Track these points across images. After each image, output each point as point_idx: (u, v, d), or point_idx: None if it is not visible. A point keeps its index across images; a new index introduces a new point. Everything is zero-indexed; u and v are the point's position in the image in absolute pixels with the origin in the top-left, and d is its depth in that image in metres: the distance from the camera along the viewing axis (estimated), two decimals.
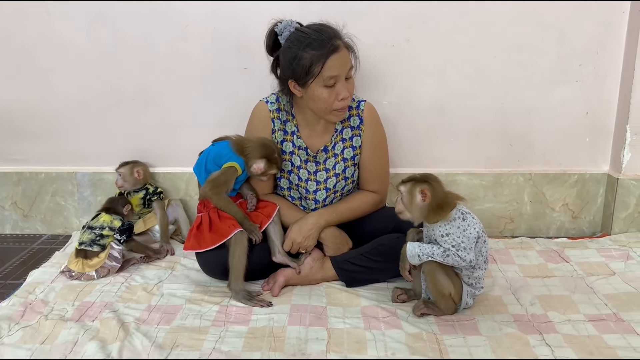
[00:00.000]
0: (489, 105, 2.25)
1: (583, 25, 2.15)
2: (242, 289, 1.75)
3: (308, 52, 1.71)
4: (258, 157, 1.80)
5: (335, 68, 1.72)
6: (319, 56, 1.71)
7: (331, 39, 1.73)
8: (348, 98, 1.78)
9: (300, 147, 1.92)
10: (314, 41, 1.72)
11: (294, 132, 1.92)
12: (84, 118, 2.32)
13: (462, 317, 1.63)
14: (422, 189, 1.58)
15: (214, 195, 1.79)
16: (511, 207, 2.34)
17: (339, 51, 1.73)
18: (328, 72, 1.72)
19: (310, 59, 1.71)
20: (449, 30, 2.16)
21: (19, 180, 2.39)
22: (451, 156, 2.32)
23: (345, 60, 1.75)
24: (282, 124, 1.91)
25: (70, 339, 1.53)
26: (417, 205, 1.59)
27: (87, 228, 1.96)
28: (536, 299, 1.74)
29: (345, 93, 1.76)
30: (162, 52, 2.22)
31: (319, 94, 1.76)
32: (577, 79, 2.21)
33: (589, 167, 2.32)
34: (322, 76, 1.72)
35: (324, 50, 1.71)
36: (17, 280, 1.95)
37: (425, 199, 1.58)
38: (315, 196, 1.93)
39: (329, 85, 1.74)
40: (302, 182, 1.93)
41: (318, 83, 1.74)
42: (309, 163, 1.92)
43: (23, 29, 2.21)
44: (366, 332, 1.55)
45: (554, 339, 1.51)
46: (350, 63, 1.77)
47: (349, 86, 1.78)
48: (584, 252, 2.10)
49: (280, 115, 1.91)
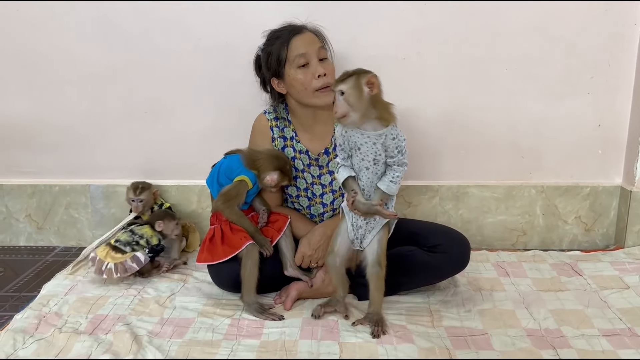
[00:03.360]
0: (499, 118, 2.25)
1: (594, 37, 2.15)
2: (254, 301, 1.76)
3: (275, 43, 1.85)
4: (272, 169, 1.82)
5: (301, 46, 1.81)
6: (283, 41, 1.83)
7: (293, 26, 1.86)
8: (327, 76, 1.81)
9: (302, 152, 1.94)
10: (277, 33, 1.87)
11: (292, 137, 1.95)
12: (97, 131, 2.34)
13: (475, 332, 1.63)
14: (369, 78, 1.48)
15: (226, 208, 1.81)
16: (523, 219, 2.33)
17: (302, 33, 1.84)
18: (294, 51, 1.81)
19: (278, 48, 1.84)
20: (458, 43, 2.17)
21: (33, 193, 2.41)
22: (462, 168, 2.32)
23: (310, 39, 1.84)
24: (280, 131, 1.96)
25: (84, 352, 1.54)
26: (365, 100, 1.49)
27: (129, 230, 2.02)
28: (549, 313, 1.73)
29: (320, 70, 1.81)
30: (173, 65, 2.24)
31: (293, 77, 1.82)
32: (589, 91, 2.21)
33: (602, 179, 2.31)
34: (290, 57, 1.82)
35: (286, 35, 1.83)
36: (32, 292, 1.97)
37: (374, 87, 1.49)
38: (322, 199, 1.94)
39: (301, 65, 1.81)
40: (309, 185, 1.94)
41: (290, 67, 1.82)
42: (312, 167, 1.94)
43: (36, 42, 2.24)
44: (378, 347, 1.55)
45: (568, 353, 1.50)
46: (318, 43, 1.85)
47: (326, 66, 1.83)
48: (597, 265, 2.08)
49: (278, 123, 1.96)
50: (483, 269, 2.07)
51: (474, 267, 2.03)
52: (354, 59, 2.14)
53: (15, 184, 2.41)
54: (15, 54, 2.26)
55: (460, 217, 2.34)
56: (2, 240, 2.47)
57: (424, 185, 2.32)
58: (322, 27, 1.92)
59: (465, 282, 1.95)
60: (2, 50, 2.26)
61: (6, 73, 2.29)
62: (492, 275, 2.02)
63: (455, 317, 1.72)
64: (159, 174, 2.35)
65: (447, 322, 1.69)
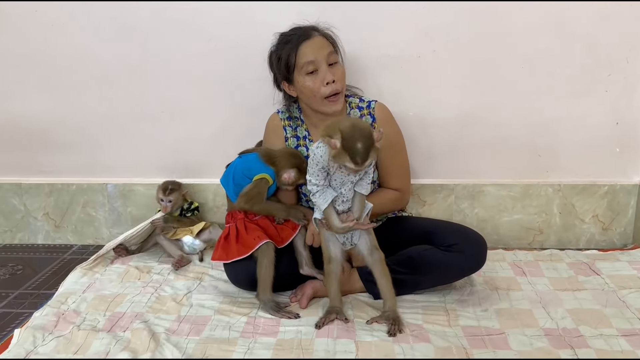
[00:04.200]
0: (515, 116, 2.23)
1: (611, 34, 2.13)
2: (270, 299, 1.76)
3: (284, 47, 1.83)
4: (289, 167, 1.83)
5: (310, 53, 1.79)
6: (291, 47, 1.81)
7: (303, 30, 1.83)
8: (336, 83, 1.80)
9: None
10: (287, 37, 1.85)
11: (305, 137, 1.95)
12: (114, 130, 2.36)
13: (492, 331, 1.62)
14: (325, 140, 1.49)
15: (251, 207, 1.84)
16: (540, 218, 2.31)
17: (312, 38, 1.81)
18: (303, 58, 1.79)
19: (287, 52, 1.82)
20: (474, 41, 2.15)
21: (50, 192, 2.44)
22: (478, 167, 2.30)
23: (319, 45, 1.81)
24: (293, 131, 1.96)
25: (102, 349, 1.55)
26: None
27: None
28: (567, 312, 1.71)
29: (329, 77, 1.79)
30: (187, 65, 2.25)
31: (303, 83, 1.82)
32: (607, 88, 2.18)
33: (620, 178, 2.28)
34: (299, 64, 1.80)
35: (295, 41, 1.81)
36: (50, 290, 1.99)
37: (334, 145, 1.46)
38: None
39: (310, 72, 1.80)
40: None
41: (299, 73, 1.81)
42: None
43: (54, 44, 2.26)
44: (394, 346, 1.55)
45: (586, 353, 1.49)
46: (328, 48, 1.82)
47: (335, 71, 1.81)
48: (615, 264, 2.06)
49: (291, 122, 1.96)
50: (499, 268, 2.06)
51: (490, 267, 2.01)
52: (368, 58, 2.17)
53: (33, 182, 2.44)
54: (33, 55, 2.29)
55: (475, 216, 2.33)
56: (21, 238, 2.50)
57: (439, 184, 2.31)
58: (334, 28, 1.90)
59: (481, 281, 1.94)
60: (21, 52, 2.29)
61: (24, 74, 2.32)
62: (509, 274, 2.00)
63: (472, 316, 1.71)
64: (175, 172, 2.36)
65: (463, 321, 1.68)
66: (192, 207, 2.28)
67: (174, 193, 2.20)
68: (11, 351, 1.55)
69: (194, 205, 2.28)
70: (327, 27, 1.89)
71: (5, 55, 2.30)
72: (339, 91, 1.82)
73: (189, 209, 2.27)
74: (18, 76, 2.32)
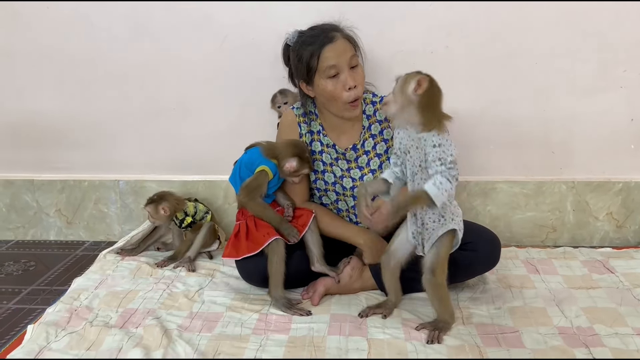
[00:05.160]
0: (529, 112, 2.21)
1: (627, 30, 2.11)
2: (282, 296, 1.76)
3: (306, 49, 1.79)
4: (290, 156, 1.83)
5: (332, 58, 1.76)
6: (314, 49, 1.77)
7: (326, 32, 1.79)
8: (357, 88, 1.78)
9: (328, 145, 1.93)
10: (310, 38, 1.80)
11: (319, 131, 1.94)
12: (125, 127, 2.37)
13: (506, 329, 1.61)
14: (419, 79, 1.45)
15: (249, 200, 1.83)
16: (553, 215, 2.29)
17: (335, 41, 1.77)
18: (325, 62, 1.76)
19: (309, 54, 1.78)
20: (488, 37, 2.14)
21: (63, 188, 2.45)
22: (491, 164, 2.29)
23: (342, 49, 1.78)
24: (308, 126, 1.95)
25: (114, 345, 1.55)
26: (407, 97, 1.45)
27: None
28: (581, 311, 1.70)
29: (351, 82, 1.77)
30: (200, 62, 2.25)
31: (324, 87, 1.79)
32: (622, 84, 2.16)
33: (634, 175, 2.26)
34: (321, 68, 1.77)
35: (317, 43, 1.76)
36: (62, 286, 2.00)
37: (418, 89, 1.44)
38: (352, 192, 1.92)
39: (331, 76, 1.77)
40: (337, 179, 1.93)
41: (320, 76, 1.78)
42: (339, 161, 1.93)
43: (66, 41, 2.27)
44: (407, 344, 1.54)
45: (601, 352, 1.47)
46: (350, 51, 1.79)
47: (355, 76, 1.79)
48: (629, 262, 2.04)
49: (306, 118, 1.95)
50: (512, 266, 2.05)
51: (503, 264, 2.01)
52: (382, 53, 2.14)
53: (45, 179, 2.45)
54: (46, 52, 2.30)
55: (488, 213, 2.31)
56: (33, 234, 2.51)
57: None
58: (355, 28, 1.87)
59: (494, 279, 1.92)
60: (33, 49, 2.29)
61: (37, 71, 2.32)
62: (522, 272, 1.99)
63: (485, 314, 1.70)
64: (187, 169, 2.37)
65: (477, 319, 1.67)
66: (184, 224, 2.16)
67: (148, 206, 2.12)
68: (24, 347, 1.56)
69: (186, 222, 2.16)
70: (349, 27, 1.85)
71: (18, 52, 2.31)
72: (359, 97, 1.81)
73: (182, 227, 2.18)
74: (31, 73, 2.33)
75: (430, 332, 1.57)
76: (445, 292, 1.59)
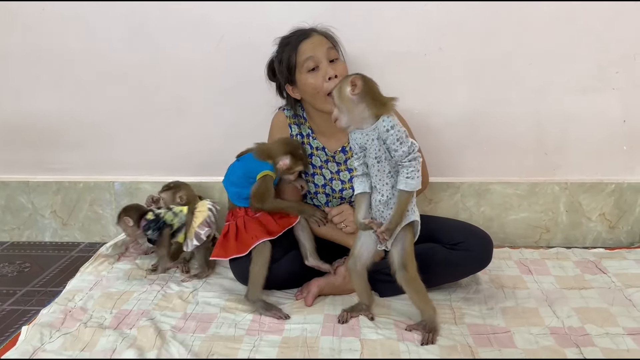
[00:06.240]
0: (522, 113, 2.23)
1: (620, 31, 2.12)
2: (259, 298, 1.76)
3: (285, 49, 1.86)
4: (282, 154, 1.84)
5: (308, 50, 1.81)
6: (292, 47, 1.84)
7: (302, 31, 1.86)
8: (337, 78, 1.79)
9: (318, 148, 1.95)
10: (287, 39, 1.88)
11: (309, 135, 1.96)
12: (121, 128, 2.38)
13: (497, 329, 1.62)
14: (351, 79, 1.50)
15: (264, 205, 1.85)
16: (547, 216, 2.31)
17: (310, 37, 1.84)
18: (302, 55, 1.81)
19: (287, 54, 1.85)
20: (482, 37, 2.15)
21: (58, 190, 2.46)
22: (484, 165, 2.30)
23: (318, 42, 1.83)
24: (298, 128, 1.98)
25: (108, 346, 1.56)
26: (349, 101, 1.51)
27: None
28: (573, 311, 1.71)
29: (331, 72, 1.79)
30: (196, 63, 2.26)
31: (305, 81, 1.82)
32: (614, 86, 2.17)
33: (627, 176, 2.27)
34: (299, 62, 1.82)
35: (294, 42, 1.84)
36: (57, 287, 2.01)
37: (355, 89, 1.49)
38: (341, 194, 1.94)
39: (310, 69, 1.81)
40: (327, 181, 1.94)
41: (301, 72, 1.83)
42: (329, 163, 1.95)
43: (63, 41, 2.27)
44: (399, 344, 1.55)
45: (592, 352, 1.49)
46: (326, 44, 1.84)
47: (336, 67, 1.82)
48: (621, 263, 2.06)
49: (296, 120, 1.98)
50: (505, 266, 2.06)
51: (496, 265, 2.02)
52: (375, 55, 2.16)
53: (40, 180, 2.46)
54: (42, 53, 2.30)
55: (482, 214, 2.32)
56: (28, 236, 2.52)
57: (445, 182, 2.31)
58: (333, 28, 1.91)
59: (487, 279, 1.93)
60: (29, 50, 2.30)
61: (33, 71, 2.33)
62: (515, 272, 2.00)
63: (478, 314, 1.71)
64: (182, 170, 2.38)
65: (469, 319, 1.68)
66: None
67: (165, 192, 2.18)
68: (19, 348, 1.56)
69: None
70: (326, 28, 1.90)
71: (14, 53, 2.31)
72: None
73: None
74: (26, 75, 2.34)
75: (424, 333, 1.58)
76: (420, 284, 1.60)
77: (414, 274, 1.57)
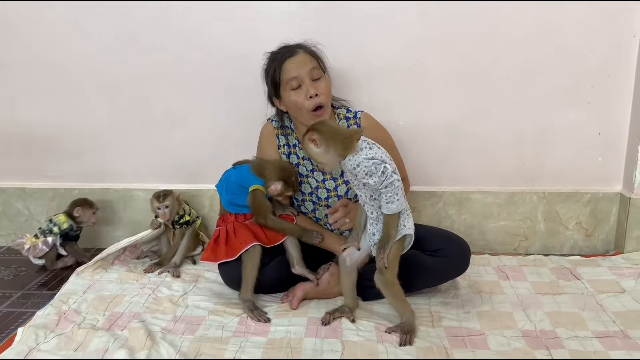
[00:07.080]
0: (502, 126, 2.32)
1: (594, 48, 2.21)
2: (249, 299, 1.84)
3: (271, 65, 1.95)
4: (275, 179, 1.89)
5: (293, 70, 1.89)
6: (277, 64, 1.92)
7: (289, 48, 1.93)
8: (319, 96, 1.88)
9: (304, 158, 2.02)
10: (274, 54, 1.96)
11: (295, 145, 2.04)
12: (115, 137, 2.45)
13: (472, 332, 1.69)
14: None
15: (265, 221, 1.90)
16: (525, 225, 2.39)
17: (295, 55, 1.91)
18: (286, 75, 1.90)
19: (273, 70, 1.94)
20: (462, 53, 2.24)
21: (54, 196, 2.52)
22: (465, 175, 2.38)
23: (302, 61, 1.90)
24: (285, 139, 2.04)
25: (101, 347, 1.63)
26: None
27: (48, 220, 2.31)
28: (546, 315, 1.78)
29: (312, 91, 1.87)
30: (189, 73, 2.33)
31: (288, 98, 1.91)
32: (589, 100, 2.26)
33: (602, 186, 2.36)
34: (283, 81, 1.91)
35: (279, 59, 1.92)
36: (52, 290, 2.07)
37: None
38: (327, 202, 2.01)
39: (295, 88, 1.89)
40: (313, 189, 2.02)
41: (285, 89, 1.91)
42: (315, 172, 2.02)
43: (57, 51, 2.35)
44: (379, 345, 1.62)
45: (560, 354, 1.56)
46: (311, 64, 1.91)
47: (318, 86, 1.89)
48: (595, 269, 2.14)
49: (283, 131, 2.05)
50: (484, 272, 2.13)
51: (475, 271, 2.10)
52: (360, 69, 2.24)
53: (37, 187, 2.53)
54: (38, 62, 2.37)
55: (463, 222, 2.40)
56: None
57: (428, 191, 2.39)
58: (320, 45, 1.98)
59: (466, 285, 2.01)
60: (25, 59, 2.37)
61: (29, 81, 2.40)
62: (493, 278, 2.08)
63: (455, 318, 1.78)
64: (174, 178, 2.45)
65: (446, 322, 1.76)
66: (183, 220, 2.25)
67: (168, 198, 2.20)
68: (15, 348, 1.63)
69: (184, 219, 2.25)
70: (312, 44, 1.97)
71: (11, 62, 2.38)
72: (322, 104, 1.90)
73: (179, 222, 2.25)
74: (23, 83, 2.41)
75: (402, 335, 1.65)
76: (398, 289, 1.67)
77: (391, 278, 1.65)
